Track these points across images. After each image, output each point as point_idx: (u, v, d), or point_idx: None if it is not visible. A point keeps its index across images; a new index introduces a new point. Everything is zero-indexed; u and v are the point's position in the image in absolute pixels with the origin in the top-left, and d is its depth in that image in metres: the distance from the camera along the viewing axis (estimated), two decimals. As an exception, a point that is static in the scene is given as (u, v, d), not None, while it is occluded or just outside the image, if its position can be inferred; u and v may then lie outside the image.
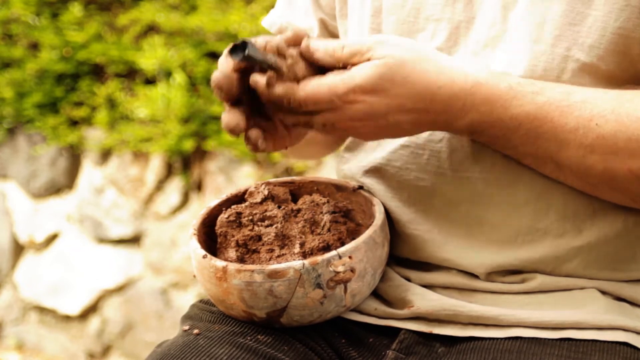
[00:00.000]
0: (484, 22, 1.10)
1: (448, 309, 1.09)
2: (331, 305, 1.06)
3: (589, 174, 1.04)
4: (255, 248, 1.09)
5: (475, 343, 1.07)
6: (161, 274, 3.25)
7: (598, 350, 1.05)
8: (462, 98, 1.01)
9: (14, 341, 3.64)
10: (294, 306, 1.05)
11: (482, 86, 1.02)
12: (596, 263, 1.09)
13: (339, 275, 1.04)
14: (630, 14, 1.04)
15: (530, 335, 1.07)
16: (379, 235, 1.08)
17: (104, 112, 3.25)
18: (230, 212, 1.12)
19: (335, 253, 1.04)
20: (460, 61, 1.04)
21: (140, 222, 3.30)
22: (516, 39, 1.08)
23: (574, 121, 1.02)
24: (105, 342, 3.43)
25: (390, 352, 1.09)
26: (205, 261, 1.06)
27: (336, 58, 1.01)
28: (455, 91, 1.01)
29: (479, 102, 1.02)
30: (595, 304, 1.09)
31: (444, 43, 1.12)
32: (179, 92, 3.03)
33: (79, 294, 3.46)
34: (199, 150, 3.12)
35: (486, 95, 1.02)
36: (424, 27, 1.13)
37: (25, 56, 3.41)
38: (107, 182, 3.36)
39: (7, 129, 3.53)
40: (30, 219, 3.56)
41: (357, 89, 1.00)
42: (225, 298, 1.06)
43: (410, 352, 1.09)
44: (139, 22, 3.21)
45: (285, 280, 1.03)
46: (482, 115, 1.02)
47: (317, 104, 1.01)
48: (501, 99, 1.02)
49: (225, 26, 2.97)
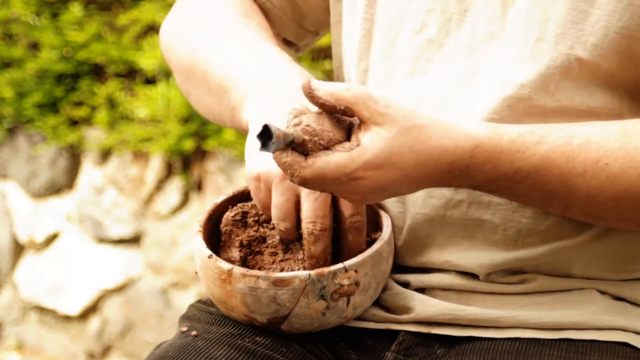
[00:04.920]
0: (480, 16, 1.09)
1: (447, 314, 1.08)
2: (332, 317, 1.05)
3: (599, 210, 1.02)
4: (259, 250, 1.09)
5: (474, 344, 1.07)
6: (161, 274, 3.25)
7: (597, 350, 1.05)
8: (466, 160, 0.99)
9: (14, 341, 3.64)
10: (296, 315, 1.04)
11: (485, 145, 0.99)
12: (596, 263, 1.09)
13: (344, 288, 1.03)
14: (634, 14, 1.04)
15: (529, 336, 1.06)
16: (385, 249, 1.07)
17: (104, 112, 3.25)
18: (237, 211, 1.11)
19: (342, 266, 1.03)
20: (459, 120, 1.01)
21: (140, 222, 3.30)
22: (516, 36, 1.07)
23: (581, 165, 1.00)
24: (105, 342, 3.42)
25: (389, 354, 1.08)
26: (210, 261, 1.05)
27: (338, 99, 0.95)
28: (458, 155, 0.98)
29: (482, 162, 0.99)
30: (595, 305, 1.08)
31: (435, 35, 1.11)
32: (179, 92, 3.02)
33: (79, 294, 3.46)
34: (199, 150, 3.11)
35: (489, 153, 0.99)
36: (415, 17, 1.12)
37: (25, 56, 3.41)
38: (107, 182, 3.36)
39: (7, 129, 3.53)
40: (30, 218, 3.56)
41: (367, 165, 0.95)
42: (227, 300, 1.05)
43: (409, 354, 1.08)
44: (139, 22, 3.21)
45: (290, 289, 1.02)
46: (486, 173, 1.00)
47: (323, 183, 0.96)
48: (504, 154, 0.99)
49: (225, 26, 2.97)
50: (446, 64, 1.11)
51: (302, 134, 0.94)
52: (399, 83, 1.13)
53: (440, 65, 1.11)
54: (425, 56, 1.11)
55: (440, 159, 0.98)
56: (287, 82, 1.10)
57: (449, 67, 1.10)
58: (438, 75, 1.11)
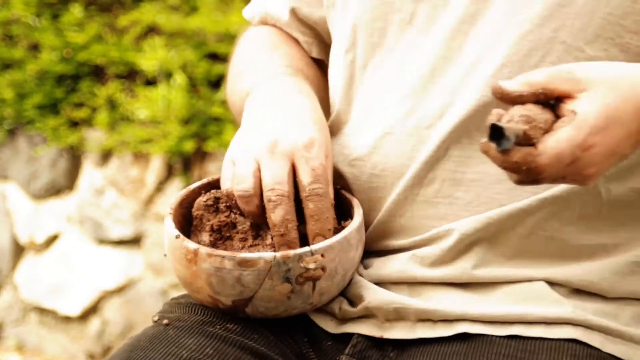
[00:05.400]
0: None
1: (397, 302, 1.08)
2: (298, 301, 1.06)
3: None
4: (229, 235, 1.09)
5: (425, 347, 1.07)
6: (161, 275, 3.25)
7: (546, 349, 1.05)
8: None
9: (14, 342, 3.64)
10: (260, 297, 1.04)
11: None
12: (560, 218, 1.08)
13: (309, 272, 1.04)
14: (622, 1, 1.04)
15: (477, 331, 1.06)
16: (354, 237, 1.07)
17: (104, 113, 3.25)
18: (209, 196, 1.11)
19: (308, 249, 1.04)
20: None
21: (141, 223, 3.30)
22: (499, 17, 1.07)
23: None
24: (106, 343, 3.43)
25: (343, 357, 1.09)
26: (178, 242, 1.06)
27: (532, 84, 0.94)
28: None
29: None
30: (543, 297, 1.08)
31: (423, 23, 1.11)
32: (180, 93, 3.03)
33: (79, 295, 3.46)
34: (199, 151, 3.12)
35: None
36: (401, 7, 1.13)
37: (25, 57, 3.41)
38: (107, 183, 3.36)
39: (8, 130, 3.53)
40: (30, 220, 3.56)
41: (594, 129, 0.93)
42: (193, 281, 1.06)
43: (363, 357, 1.09)
44: (140, 23, 3.21)
45: (255, 270, 1.03)
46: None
47: (560, 165, 0.94)
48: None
49: (225, 27, 2.97)
50: (434, 48, 1.11)
51: (521, 125, 0.93)
52: (392, 71, 1.14)
53: (428, 50, 1.11)
54: (415, 44, 1.12)
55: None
56: (274, 81, 1.17)
57: (436, 52, 1.11)
58: (424, 60, 1.11)
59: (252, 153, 1.07)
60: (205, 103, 3.05)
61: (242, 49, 1.33)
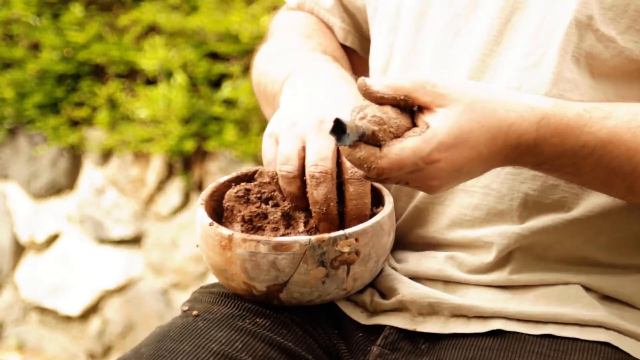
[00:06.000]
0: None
1: (432, 297, 1.09)
2: (332, 286, 1.06)
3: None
4: (260, 225, 1.09)
5: (458, 340, 1.07)
6: (162, 275, 3.25)
7: (578, 349, 1.05)
8: (533, 134, 0.98)
9: (15, 342, 3.64)
10: (295, 282, 1.04)
11: (551, 118, 0.98)
12: (595, 239, 1.09)
13: (344, 255, 1.04)
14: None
15: (511, 329, 1.07)
16: (387, 223, 1.08)
17: (104, 112, 3.25)
18: (239, 188, 1.12)
19: (343, 233, 1.04)
20: (522, 94, 1.01)
21: (141, 223, 3.30)
22: (540, 5, 1.08)
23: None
24: (106, 342, 3.43)
25: (374, 348, 1.09)
26: (211, 229, 1.06)
27: (396, 89, 0.96)
28: (525, 127, 0.98)
29: (549, 135, 0.98)
30: (578, 300, 1.08)
31: (464, 9, 1.13)
32: (180, 93, 3.03)
33: (80, 295, 3.46)
34: (199, 150, 3.12)
35: (556, 126, 0.98)
36: None
37: (26, 56, 3.41)
38: (107, 182, 3.36)
39: (8, 130, 3.53)
40: (31, 219, 3.56)
41: (441, 146, 0.95)
42: (227, 268, 1.06)
43: (395, 348, 1.09)
44: (140, 23, 3.21)
45: (290, 254, 1.03)
46: (553, 147, 0.99)
47: (400, 171, 0.96)
48: (571, 127, 0.99)
49: (226, 27, 2.97)
50: (473, 36, 1.12)
51: (370, 125, 0.95)
52: (428, 56, 1.15)
53: (467, 37, 1.12)
54: (454, 29, 1.13)
55: (509, 133, 0.97)
56: (316, 63, 1.16)
57: (476, 39, 1.12)
58: (465, 47, 1.12)
59: (297, 130, 1.07)
60: (205, 102, 3.05)
61: (277, 34, 1.32)
